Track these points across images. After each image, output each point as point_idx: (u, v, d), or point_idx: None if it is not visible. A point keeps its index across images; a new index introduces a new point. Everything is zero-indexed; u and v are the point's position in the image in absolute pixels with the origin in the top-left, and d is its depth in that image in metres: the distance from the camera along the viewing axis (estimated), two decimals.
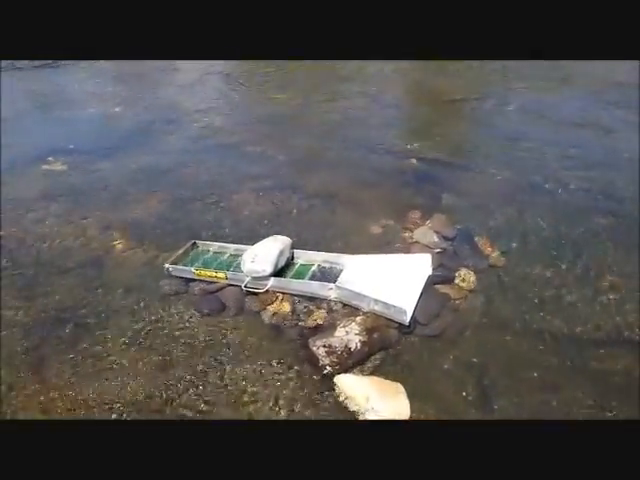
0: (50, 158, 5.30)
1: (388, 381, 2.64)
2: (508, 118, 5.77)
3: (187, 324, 3.13)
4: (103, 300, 3.35)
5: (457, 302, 3.16)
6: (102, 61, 8.53)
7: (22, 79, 8.20)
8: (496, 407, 2.52)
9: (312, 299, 3.22)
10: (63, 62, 8.55)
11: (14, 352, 2.97)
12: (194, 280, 3.45)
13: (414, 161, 4.85)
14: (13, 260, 3.76)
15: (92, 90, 7.63)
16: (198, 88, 7.47)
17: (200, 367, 2.82)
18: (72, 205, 4.46)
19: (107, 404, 2.63)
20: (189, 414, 2.55)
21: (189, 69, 8.14)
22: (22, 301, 3.35)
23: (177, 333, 3.07)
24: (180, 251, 3.64)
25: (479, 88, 6.73)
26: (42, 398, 2.67)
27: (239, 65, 8.27)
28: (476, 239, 3.67)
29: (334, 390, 2.62)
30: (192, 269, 3.44)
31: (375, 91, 6.87)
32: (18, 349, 2.99)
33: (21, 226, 4.17)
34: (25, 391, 2.72)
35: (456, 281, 3.29)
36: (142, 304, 3.30)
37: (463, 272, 3.33)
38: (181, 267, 3.50)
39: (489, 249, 3.56)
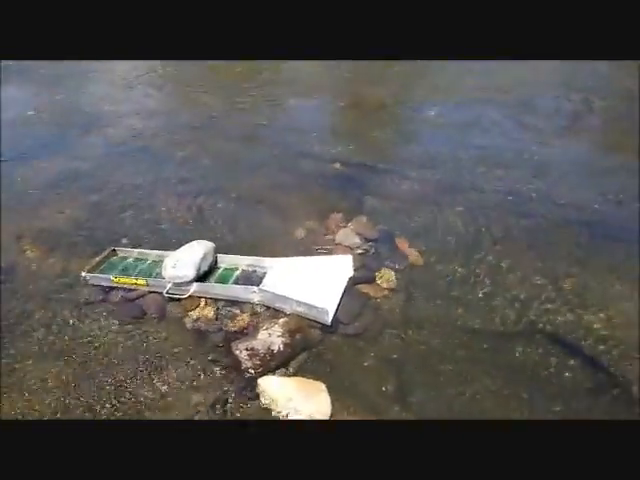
0: None
1: (310, 380, 2.69)
2: (429, 123, 5.98)
3: (106, 333, 3.05)
4: (18, 311, 3.20)
5: (378, 301, 3.26)
6: (24, 62, 8.11)
7: None
8: (414, 400, 2.61)
9: (236, 303, 3.22)
10: None
11: None
12: (113, 288, 3.36)
13: (338, 165, 4.94)
14: None
15: (11, 93, 7.24)
16: (123, 91, 7.25)
17: (121, 376, 2.76)
18: None
19: (22, 415, 2.52)
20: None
21: (116, 70, 7.89)
22: None
23: (96, 342, 2.99)
24: (98, 258, 3.54)
25: (405, 94, 6.93)
26: None
27: (167, 66, 8.11)
28: (397, 240, 3.79)
29: (257, 392, 2.63)
30: (111, 277, 3.35)
31: (303, 95, 6.93)
32: None
33: None
34: None
35: (377, 281, 3.38)
36: (59, 314, 3.18)
37: (383, 272, 3.43)
38: (99, 275, 3.40)
39: (409, 249, 3.69)
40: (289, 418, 2.48)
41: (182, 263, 3.27)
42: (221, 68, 7.77)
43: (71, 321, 3.14)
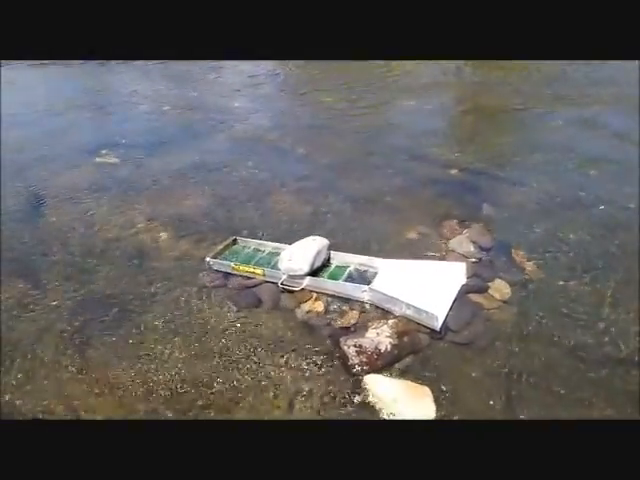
0: (103, 151, 5.56)
1: (416, 384, 2.68)
2: (556, 131, 5.70)
3: (224, 316, 3.25)
4: (145, 288, 3.51)
5: (489, 312, 3.17)
6: (151, 62, 8.87)
7: (72, 76, 8.59)
8: (523, 418, 2.53)
9: (346, 300, 3.28)
10: (112, 62, 8.92)
11: (60, 332, 3.15)
12: (233, 275, 3.57)
13: (455, 170, 4.86)
14: (64, 245, 3.97)
15: (142, 89, 7.92)
16: (245, 89, 7.67)
17: (234, 358, 2.93)
18: (121, 197, 4.67)
19: (145, 386, 2.76)
20: (220, 404, 2.65)
21: (237, 70, 8.37)
22: (70, 284, 3.54)
23: (214, 324, 3.19)
24: (221, 246, 3.78)
25: (528, 99, 6.67)
26: (84, 377, 2.83)
27: (287, 66, 8.45)
28: (513, 251, 3.67)
29: (362, 389, 2.68)
30: (231, 264, 3.56)
31: (422, 97, 6.89)
32: (65, 330, 3.16)
33: (72, 215, 4.39)
34: (67, 372, 2.88)
35: (490, 291, 3.30)
36: (182, 295, 3.44)
37: (497, 283, 3.34)
38: (221, 261, 3.63)
39: (525, 261, 3.55)
40: (394, 418, 2.50)
41: (297, 257, 3.40)
42: (342, 69, 7.94)
43: (193, 302, 3.38)
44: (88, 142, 5.87)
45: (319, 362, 2.87)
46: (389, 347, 2.85)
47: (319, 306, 3.27)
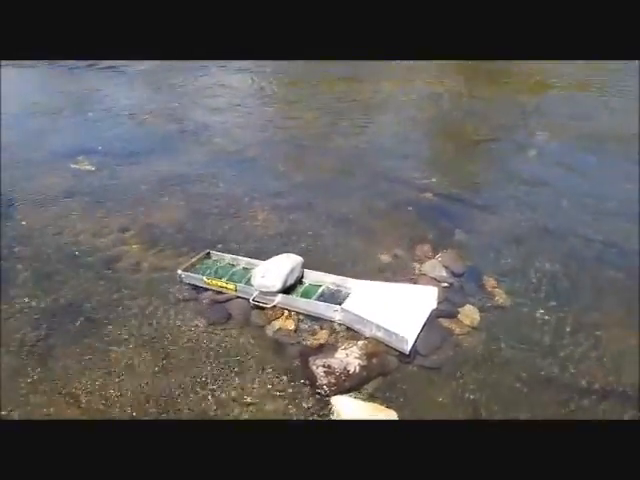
0: (80, 157, 5.49)
1: (382, 407, 2.68)
2: (528, 162, 5.83)
3: (193, 330, 3.21)
4: (114, 298, 3.44)
5: (459, 337, 3.20)
6: (141, 67, 8.85)
7: (53, 79, 8.53)
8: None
9: (317, 319, 3.28)
10: (100, 63, 8.89)
11: (23, 340, 3.06)
12: (204, 289, 3.53)
13: (431, 195, 4.93)
14: (33, 249, 3.89)
15: (124, 96, 7.88)
16: (227, 104, 7.67)
17: (200, 374, 2.89)
18: (95, 205, 4.60)
19: (106, 399, 2.70)
20: (183, 418, 2.60)
21: (220, 82, 8.39)
22: (37, 290, 3.46)
23: (182, 338, 3.15)
24: (193, 259, 3.74)
25: (504, 130, 6.82)
26: (44, 387, 2.76)
27: (274, 84, 8.51)
28: (484, 277, 3.71)
29: (329, 410, 2.66)
30: (203, 277, 3.53)
31: (403, 120, 6.99)
32: (28, 337, 3.08)
33: (44, 219, 4.31)
34: (28, 379, 2.81)
35: (459, 316, 3.33)
36: (151, 306, 3.38)
37: (467, 308, 3.37)
38: (193, 274, 3.59)
39: (495, 288, 3.60)
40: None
41: (270, 274, 3.38)
42: (326, 86, 8.03)
43: (162, 315, 3.33)
44: (65, 147, 5.81)
45: (286, 381, 2.85)
46: (358, 368, 2.85)
47: (290, 324, 3.26)
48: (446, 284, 3.62)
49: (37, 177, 5.03)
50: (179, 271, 3.59)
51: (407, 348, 2.97)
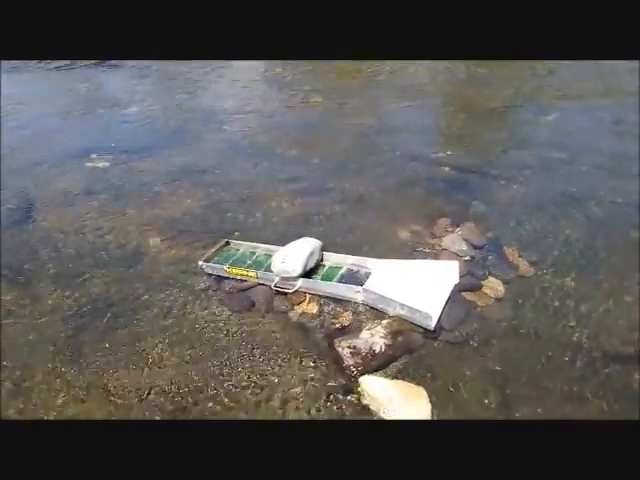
0: (93, 155, 5.52)
1: (411, 384, 2.69)
2: (545, 128, 5.73)
3: (217, 320, 3.24)
4: (138, 293, 3.48)
5: (483, 310, 3.18)
6: (146, 61, 8.84)
7: (63, 78, 8.55)
8: (519, 416, 2.53)
9: (339, 301, 3.28)
10: (104, 64, 8.90)
11: (54, 337, 3.12)
12: (226, 278, 3.55)
13: (446, 169, 4.87)
14: (55, 250, 3.94)
15: (134, 90, 7.89)
16: (237, 90, 7.65)
17: (228, 362, 2.92)
18: (112, 201, 4.64)
19: (139, 391, 2.75)
20: (216, 407, 2.64)
21: (230, 70, 8.34)
22: (65, 290, 3.52)
23: (207, 328, 3.18)
24: (213, 249, 3.76)
25: (518, 97, 6.69)
26: (79, 382, 2.82)
27: (278, 67, 8.43)
28: (505, 248, 3.68)
29: (357, 390, 2.68)
30: (224, 267, 3.55)
31: (412, 96, 6.90)
32: (61, 335, 3.14)
33: (63, 219, 4.36)
34: (64, 376, 2.87)
35: (483, 289, 3.31)
36: (175, 299, 3.42)
37: (490, 280, 3.34)
38: (213, 265, 3.61)
39: (518, 259, 3.57)
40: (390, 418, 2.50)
41: (290, 259, 3.39)
42: (331, 69, 7.94)
43: (186, 306, 3.36)
44: (78, 146, 5.83)
45: (313, 364, 2.87)
46: (383, 347, 2.85)
47: (313, 308, 3.27)
48: (467, 257, 3.59)
49: (53, 177, 5.07)
50: (200, 262, 3.61)
51: (432, 324, 2.97)
